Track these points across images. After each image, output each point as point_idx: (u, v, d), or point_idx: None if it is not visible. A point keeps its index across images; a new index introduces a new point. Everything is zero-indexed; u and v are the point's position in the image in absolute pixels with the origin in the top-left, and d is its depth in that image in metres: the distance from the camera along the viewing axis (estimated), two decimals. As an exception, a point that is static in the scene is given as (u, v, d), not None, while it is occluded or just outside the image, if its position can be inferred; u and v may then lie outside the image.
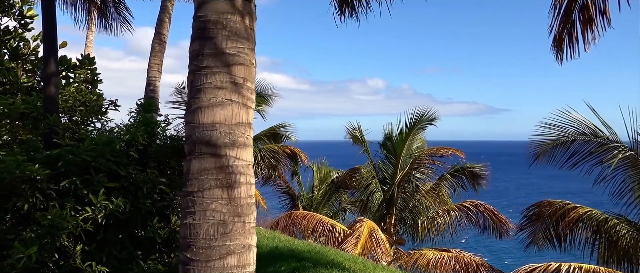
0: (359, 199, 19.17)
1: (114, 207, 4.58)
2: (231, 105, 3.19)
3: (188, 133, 3.26)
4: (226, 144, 3.15)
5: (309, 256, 8.45)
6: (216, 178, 3.12)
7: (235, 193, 3.15)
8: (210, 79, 3.16)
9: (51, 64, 5.57)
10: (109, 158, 4.83)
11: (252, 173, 3.31)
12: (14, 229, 4.89)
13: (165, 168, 5.52)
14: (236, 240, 3.13)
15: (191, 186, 3.16)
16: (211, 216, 3.10)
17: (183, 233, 3.17)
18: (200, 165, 3.14)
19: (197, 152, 3.17)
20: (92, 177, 4.73)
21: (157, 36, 9.99)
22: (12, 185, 4.63)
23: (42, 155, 4.91)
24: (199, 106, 3.18)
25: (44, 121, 5.35)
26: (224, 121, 3.15)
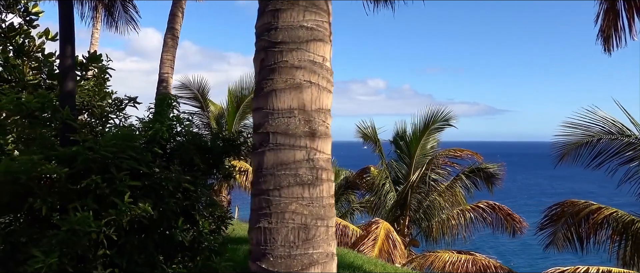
0: (368, 199, 18.90)
1: (141, 211, 4.26)
2: (310, 88, 2.75)
3: (258, 120, 2.81)
4: (306, 134, 2.73)
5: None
6: (295, 175, 2.69)
7: (317, 191, 2.73)
8: (286, 56, 2.72)
9: (68, 57, 5.25)
10: (131, 155, 4.51)
11: (331, 168, 2.89)
12: (28, 231, 4.58)
13: (190, 166, 5.21)
14: (319, 248, 2.70)
15: (265, 184, 2.72)
16: (291, 219, 2.66)
17: (256, 239, 2.74)
18: (276, 159, 2.71)
19: (272, 143, 2.73)
20: (114, 175, 4.42)
21: (169, 30, 9.69)
22: (28, 185, 4.33)
23: (58, 152, 4.60)
24: (273, 88, 2.73)
25: (58, 115, 5.04)
26: (302, 106, 2.73)
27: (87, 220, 4.02)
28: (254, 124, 2.89)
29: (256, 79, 2.88)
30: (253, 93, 2.92)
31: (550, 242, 10.31)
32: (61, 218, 4.06)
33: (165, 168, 4.91)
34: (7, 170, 4.14)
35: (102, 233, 4.09)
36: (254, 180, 2.83)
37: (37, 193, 4.37)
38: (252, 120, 14.85)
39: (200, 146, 5.38)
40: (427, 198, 13.37)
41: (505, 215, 13.47)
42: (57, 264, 3.99)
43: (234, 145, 5.61)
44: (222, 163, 5.67)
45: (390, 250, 11.12)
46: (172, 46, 9.65)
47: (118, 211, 4.25)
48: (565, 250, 10.49)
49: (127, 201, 4.27)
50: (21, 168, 4.13)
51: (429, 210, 13.41)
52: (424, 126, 13.70)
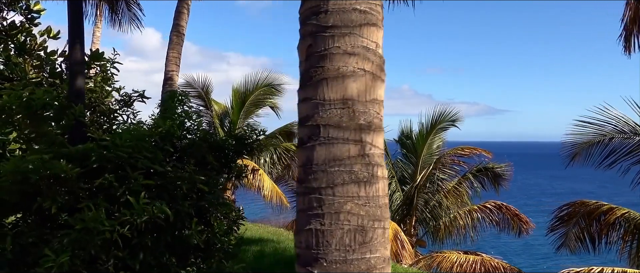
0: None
1: (157, 212, 4.09)
2: (364, 76, 2.50)
3: (307, 112, 2.57)
4: (361, 127, 2.49)
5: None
6: (350, 171, 2.45)
7: (373, 190, 2.49)
8: (338, 42, 2.48)
9: (77, 53, 5.09)
10: (146, 155, 4.35)
11: (385, 165, 2.67)
12: (37, 231, 4.42)
13: (203, 165, 5.05)
14: (377, 252, 2.48)
15: (316, 181, 2.47)
16: (346, 220, 2.43)
17: (305, 242, 2.50)
18: (328, 154, 2.46)
19: (323, 137, 2.49)
20: (128, 174, 4.25)
21: (175, 28, 9.52)
22: (37, 184, 4.16)
23: (69, 150, 4.44)
24: (324, 76, 2.49)
25: (69, 112, 4.88)
26: (357, 96, 2.49)
27: (100, 218, 3.85)
28: (301, 117, 2.64)
29: (302, 68, 2.64)
30: (299, 83, 2.66)
31: (562, 243, 10.17)
32: (73, 217, 3.90)
33: (178, 167, 4.75)
34: (16, 169, 3.98)
35: (116, 232, 3.93)
36: (302, 176, 2.59)
37: (46, 193, 4.21)
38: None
39: (212, 144, 5.22)
40: (434, 198, 13.22)
41: (512, 216, 13.34)
42: (68, 264, 3.84)
43: (245, 143, 5.46)
44: (235, 161, 5.52)
45: (398, 251, 10.96)
46: (178, 43, 9.49)
47: (133, 212, 4.09)
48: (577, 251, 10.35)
49: (143, 201, 4.11)
50: (31, 167, 3.97)
51: (435, 210, 13.26)
52: (431, 125, 13.55)
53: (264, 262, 7.18)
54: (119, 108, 5.18)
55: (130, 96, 5.23)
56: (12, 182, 4.02)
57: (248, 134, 5.50)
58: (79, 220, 3.84)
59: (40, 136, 5.31)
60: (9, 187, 4.04)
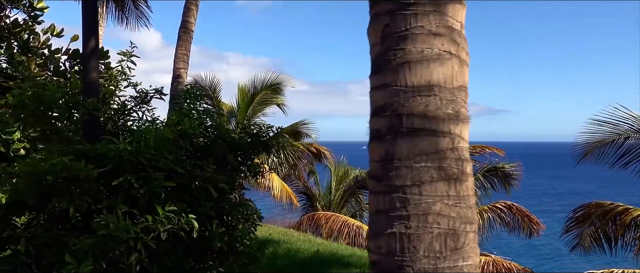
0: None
1: (183, 223, 3.93)
2: (451, 60, 2.21)
3: (384, 100, 2.25)
4: (450, 117, 2.19)
5: (352, 260, 7.87)
6: (439, 167, 2.15)
7: (463, 188, 2.20)
8: (421, 21, 2.18)
9: (91, 47, 4.92)
10: (167, 157, 4.18)
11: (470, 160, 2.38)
12: (53, 233, 4.25)
13: (223, 164, 4.88)
14: (469, 259, 2.19)
15: (399, 179, 2.16)
16: (436, 223, 2.13)
17: (386, 247, 2.18)
18: (413, 147, 2.15)
19: (406, 128, 2.17)
20: (150, 175, 4.08)
21: (183, 24, 9.34)
22: (53, 185, 3.99)
23: (85, 147, 4.26)
24: (406, 60, 2.18)
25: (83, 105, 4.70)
26: (443, 82, 2.19)
27: (126, 226, 3.68)
28: (375, 106, 2.32)
29: (375, 52, 2.32)
30: (371, 69, 2.37)
31: (577, 244, 10.01)
32: (96, 221, 3.72)
33: (198, 166, 4.58)
34: (33, 171, 3.80)
35: (140, 240, 3.76)
36: (379, 173, 2.25)
37: (63, 193, 4.04)
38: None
39: (231, 143, 5.06)
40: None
41: (523, 216, 13.16)
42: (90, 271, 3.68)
43: (262, 141, 5.29)
44: (252, 160, 5.36)
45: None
46: (186, 40, 9.31)
47: (156, 221, 3.92)
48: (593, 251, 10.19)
49: (169, 208, 3.93)
50: (50, 168, 3.79)
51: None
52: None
53: (278, 263, 7.02)
54: (136, 105, 5.00)
55: (147, 93, 5.06)
56: (27, 184, 3.85)
57: (264, 131, 5.34)
58: (102, 226, 3.67)
59: (52, 134, 5.15)
60: (26, 189, 3.87)
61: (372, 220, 2.31)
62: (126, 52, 5.01)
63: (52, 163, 3.77)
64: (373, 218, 2.31)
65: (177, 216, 3.98)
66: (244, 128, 5.36)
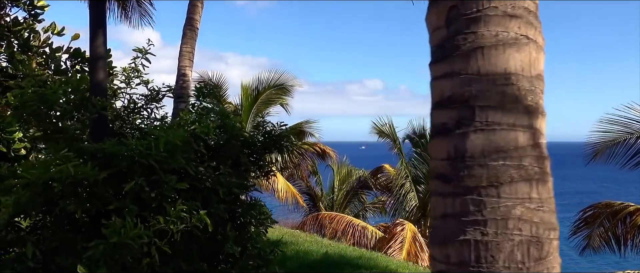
0: (379, 199, 18.45)
1: (195, 221, 3.78)
2: (528, 45, 1.97)
3: (452, 90, 2.02)
4: (529, 110, 1.96)
5: (362, 262, 7.74)
6: (519, 166, 1.91)
7: (546, 190, 1.97)
8: (495, 1, 1.95)
9: (100, 46, 4.77)
10: (179, 159, 4.03)
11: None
12: (61, 236, 4.09)
13: (236, 165, 4.73)
14: (553, 270, 1.97)
15: (472, 179, 1.92)
16: (517, 229, 1.89)
17: (459, 256, 1.95)
18: (488, 143, 1.92)
19: (479, 121, 1.93)
20: (162, 178, 3.93)
21: (188, 21, 9.18)
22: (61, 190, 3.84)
23: (91, 147, 4.11)
24: (478, 45, 1.94)
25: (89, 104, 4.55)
26: (521, 70, 1.96)
27: (139, 232, 3.53)
28: (441, 97, 2.08)
29: (439, 37, 2.09)
30: (434, 56, 2.15)
31: (587, 245, 9.87)
32: (107, 229, 3.56)
33: (212, 167, 4.44)
34: (39, 178, 3.65)
35: (153, 245, 3.60)
36: (447, 172, 2.01)
37: (71, 196, 3.89)
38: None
39: (243, 142, 4.91)
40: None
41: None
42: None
43: (274, 139, 5.14)
44: (264, 159, 5.21)
45: (417, 253, 10.67)
46: (191, 38, 9.14)
47: (169, 220, 3.77)
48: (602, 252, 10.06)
49: (180, 207, 3.78)
50: (56, 176, 3.64)
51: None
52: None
53: (287, 265, 6.87)
54: (146, 103, 4.85)
55: (158, 91, 4.91)
56: (31, 195, 3.69)
57: (276, 129, 5.20)
58: (114, 233, 3.51)
59: (56, 133, 5.00)
60: (29, 202, 3.71)
61: (438, 225, 2.07)
62: (142, 49, 4.86)
63: (58, 170, 3.62)
64: (439, 222, 2.06)
65: (188, 215, 3.83)
66: (256, 127, 5.22)
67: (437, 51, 2.11)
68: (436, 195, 2.09)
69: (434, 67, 2.13)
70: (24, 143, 6.00)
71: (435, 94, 2.12)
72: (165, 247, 3.68)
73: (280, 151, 5.43)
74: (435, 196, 2.10)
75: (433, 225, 2.12)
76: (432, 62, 2.14)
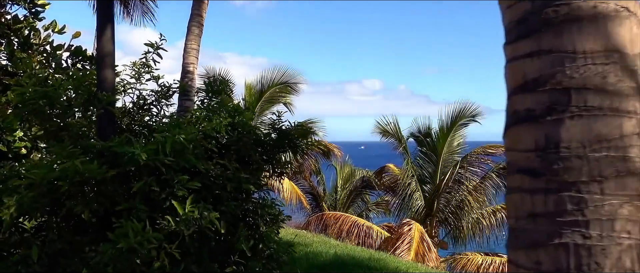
0: (383, 199, 18.30)
1: (206, 223, 3.60)
2: (629, 20, 1.71)
3: (541, 71, 1.75)
4: (633, 92, 1.70)
5: (372, 264, 7.56)
6: (625, 158, 1.65)
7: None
8: None
9: (107, 40, 4.59)
10: (190, 159, 3.86)
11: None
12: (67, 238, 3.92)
13: (246, 163, 4.56)
14: None
15: (571, 173, 1.66)
16: (624, 231, 1.64)
17: (554, 262, 1.67)
18: (588, 131, 1.66)
19: (576, 106, 1.67)
20: (172, 177, 3.75)
21: (193, 17, 8.97)
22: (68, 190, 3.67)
23: (100, 146, 3.93)
24: (572, 17, 1.69)
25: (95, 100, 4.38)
26: (622, 47, 1.70)
27: (147, 235, 3.35)
28: (525, 79, 1.81)
29: (521, 10, 1.83)
30: (512, 34, 1.88)
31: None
32: (115, 231, 3.39)
33: (221, 165, 4.27)
34: (43, 179, 3.47)
35: (163, 250, 3.43)
36: (536, 165, 1.73)
37: (77, 197, 3.71)
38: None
39: (255, 140, 4.74)
40: (457, 198, 12.74)
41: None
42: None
43: (289, 138, 4.97)
44: (278, 158, 5.04)
45: (425, 253, 10.51)
46: (198, 35, 8.93)
47: (179, 221, 3.59)
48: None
49: (190, 208, 3.61)
50: (61, 174, 3.46)
51: (458, 210, 12.79)
52: (451, 122, 13.06)
53: (297, 266, 6.69)
54: (156, 99, 4.67)
55: (169, 87, 4.73)
56: (35, 196, 3.52)
57: (293, 128, 5.03)
58: (122, 237, 3.34)
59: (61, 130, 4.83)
60: (32, 203, 3.54)
61: (524, 227, 1.79)
62: (153, 44, 4.67)
63: (64, 168, 3.44)
64: (525, 223, 1.78)
65: (200, 215, 3.66)
66: (272, 125, 5.05)
67: (517, 27, 1.85)
68: (519, 192, 1.81)
69: (513, 47, 1.86)
70: (24, 142, 5.85)
71: (515, 76, 1.85)
72: (176, 252, 3.50)
73: (294, 151, 5.25)
74: (517, 193, 1.82)
75: (515, 227, 1.84)
76: (510, 41, 1.89)
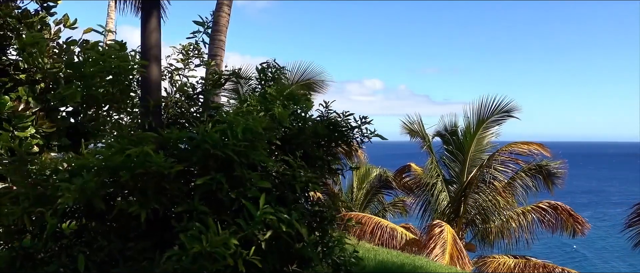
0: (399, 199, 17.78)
1: (286, 227, 3.10)
2: None
3: None
4: None
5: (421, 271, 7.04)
6: None
7: None
8: None
9: (152, 32, 4.05)
10: (261, 153, 3.35)
11: None
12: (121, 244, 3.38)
13: (310, 159, 4.05)
14: None
15: None
16: None
17: None
18: None
19: None
20: (242, 175, 3.24)
21: (219, 7, 8.48)
22: (125, 184, 3.15)
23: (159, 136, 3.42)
24: None
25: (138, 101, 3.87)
26: None
27: (225, 238, 2.84)
28: None
29: None
30: None
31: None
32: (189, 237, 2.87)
33: (284, 161, 3.75)
34: (106, 165, 2.95)
35: (240, 257, 2.91)
36: None
37: (133, 193, 3.19)
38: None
39: (314, 133, 4.23)
40: (486, 198, 12.21)
41: (567, 216, 12.38)
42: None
43: (342, 132, 4.46)
44: (334, 153, 4.53)
45: (460, 257, 10.00)
46: (224, 25, 8.43)
47: (252, 224, 3.08)
48: None
49: (265, 210, 3.09)
50: (128, 162, 2.95)
51: (487, 211, 12.25)
52: (479, 119, 12.49)
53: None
54: (207, 88, 4.14)
55: (220, 74, 4.20)
56: (97, 183, 2.99)
57: (344, 121, 4.51)
58: (194, 241, 2.82)
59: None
60: (96, 190, 3.01)
61: None
62: (203, 22, 4.13)
63: (130, 154, 2.93)
64: None
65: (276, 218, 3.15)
66: (324, 118, 4.52)
67: None
68: None
69: None
70: (36, 140, 5.45)
71: None
72: (255, 259, 2.98)
73: (349, 145, 4.72)
74: None
75: None
76: None
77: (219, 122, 3.47)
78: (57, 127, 5.07)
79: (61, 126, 5.16)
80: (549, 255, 32.62)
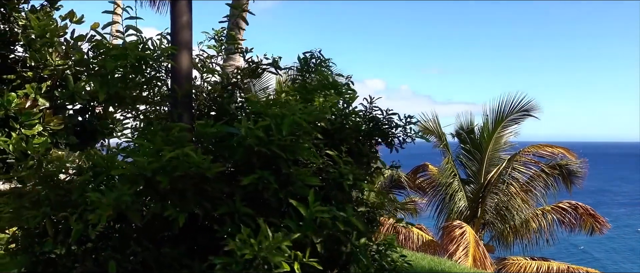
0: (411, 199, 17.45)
1: (343, 225, 2.79)
2: None
3: None
4: None
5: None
6: None
7: None
8: None
9: (182, 14, 3.72)
10: (310, 151, 3.04)
11: None
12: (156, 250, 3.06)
13: (356, 156, 3.73)
14: None
15: None
16: None
17: None
18: None
19: None
20: (291, 173, 2.92)
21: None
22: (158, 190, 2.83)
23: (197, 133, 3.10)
24: None
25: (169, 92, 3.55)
26: None
27: (278, 240, 2.53)
28: None
29: None
30: None
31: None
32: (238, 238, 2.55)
33: (329, 157, 3.44)
34: (146, 169, 2.63)
35: (296, 261, 2.60)
36: None
37: (173, 196, 2.86)
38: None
39: (355, 128, 3.91)
40: (505, 198, 11.90)
41: (587, 215, 12.07)
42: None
43: (382, 129, 4.13)
44: (375, 152, 4.21)
45: (482, 259, 9.69)
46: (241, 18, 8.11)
47: (304, 225, 2.76)
48: None
49: (315, 208, 2.78)
50: (167, 165, 2.63)
51: (506, 212, 11.94)
52: (498, 118, 12.18)
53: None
54: (242, 79, 3.82)
55: (258, 64, 3.87)
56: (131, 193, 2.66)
57: (386, 118, 4.18)
58: (246, 246, 2.50)
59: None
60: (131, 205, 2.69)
61: None
62: (238, 5, 3.80)
63: (170, 158, 2.60)
64: None
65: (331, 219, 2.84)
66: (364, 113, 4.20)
67: None
68: None
69: None
70: (44, 137, 5.22)
71: None
72: (314, 262, 2.67)
73: (389, 144, 4.39)
74: None
75: None
76: None
77: (255, 114, 3.16)
78: (65, 125, 4.90)
79: (69, 124, 4.99)
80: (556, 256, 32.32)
